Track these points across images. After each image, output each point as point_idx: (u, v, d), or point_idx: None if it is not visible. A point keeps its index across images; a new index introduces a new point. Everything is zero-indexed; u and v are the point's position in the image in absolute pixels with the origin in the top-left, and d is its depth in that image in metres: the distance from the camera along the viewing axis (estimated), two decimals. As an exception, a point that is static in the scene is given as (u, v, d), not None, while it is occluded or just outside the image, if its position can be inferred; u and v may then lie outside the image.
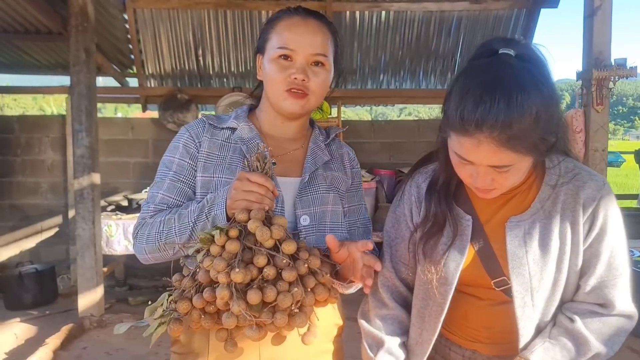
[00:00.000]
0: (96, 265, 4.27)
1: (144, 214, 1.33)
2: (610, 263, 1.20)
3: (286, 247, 1.08)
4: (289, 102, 1.32)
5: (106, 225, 4.58)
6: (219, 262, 1.04)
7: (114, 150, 5.74)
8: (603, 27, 3.92)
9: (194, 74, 5.81)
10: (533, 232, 1.19)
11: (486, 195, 1.17)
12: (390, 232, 1.39)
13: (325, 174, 1.41)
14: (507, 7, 5.34)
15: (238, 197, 1.15)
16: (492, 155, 1.05)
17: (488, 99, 1.01)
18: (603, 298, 1.21)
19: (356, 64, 5.79)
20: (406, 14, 5.41)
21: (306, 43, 1.31)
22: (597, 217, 1.19)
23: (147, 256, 1.30)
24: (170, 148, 1.39)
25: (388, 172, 5.47)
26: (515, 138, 1.02)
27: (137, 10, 5.27)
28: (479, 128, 1.02)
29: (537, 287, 1.18)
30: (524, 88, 1.02)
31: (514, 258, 1.19)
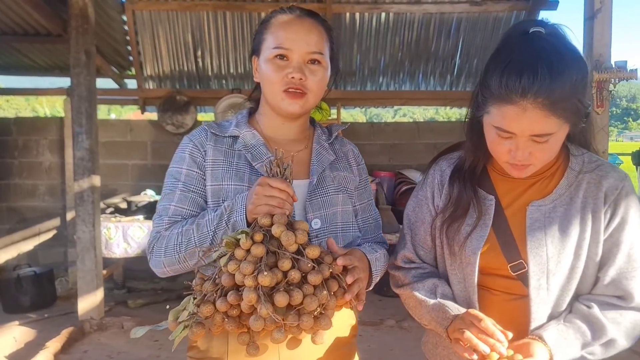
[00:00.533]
0: (96, 268, 4.25)
1: (158, 228, 1.32)
2: (630, 254, 1.21)
3: (310, 252, 1.09)
4: (287, 102, 1.31)
5: (105, 228, 4.56)
6: (247, 266, 1.04)
7: (112, 152, 5.71)
8: (603, 30, 3.93)
9: (193, 76, 5.80)
10: (554, 216, 1.23)
11: (521, 172, 1.20)
12: (410, 215, 1.43)
13: (332, 175, 1.41)
14: (506, 9, 5.36)
15: (260, 202, 1.15)
16: (536, 123, 1.09)
17: (531, 67, 1.07)
18: (622, 290, 1.21)
19: (355, 66, 5.79)
20: (406, 16, 5.41)
21: (302, 41, 1.30)
22: (618, 207, 1.22)
23: (166, 269, 1.29)
24: (175, 159, 1.37)
25: (387, 174, 5.48)
26: (558, 102, 1.07)
27: (136, 11, 5.25)
28: (525, 95, 1.07)
29: (554, 270, 1.20)
30: (562, 56, 1.09)
31: (533, 239, 1.22)
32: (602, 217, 1.22)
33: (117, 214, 4.97)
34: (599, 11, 3.90)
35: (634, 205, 1.23)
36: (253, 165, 1.33)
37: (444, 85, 5.96)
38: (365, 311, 1.37)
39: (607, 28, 3.93)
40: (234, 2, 5.24)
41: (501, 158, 1.20)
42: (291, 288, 1.06)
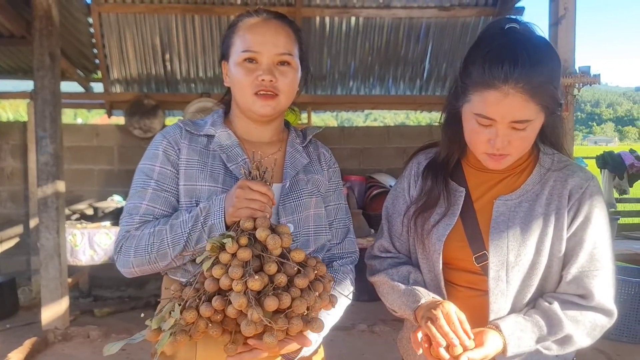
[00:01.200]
0: (61, 276, 4.13)
1: (127, 227, 1.28)
2: (592, 254, 1.24)
3: (296, 256, 1.08)
4: (258, 105, 1.30)
5: (70, 235, 4.45)
6: (236, 270, 1.03)
7: (77, 157, 5.58)
8: (567, 36, 4.01)
9: (161, 80, 5.72)
10: (518, 210, 1.26)
11: (498, 163, 1.23)
12: (389, 207, 1.47)
13: (306, 178, 1.40)
14: (474, 14, 5.43)
15: (241, 205, 1.14)
16: (516, 108, 1.13)
17: (512, 54, 1.12)
18: (583, 288, 1.23)
19: (326, 70, 5.79)
20: (375, 20, 5.44)
21: (270, 43, 1.29)
22: (582, 206, 1.24)
23: (134, 269, 1.26)
24: (148, 155, 1.34)
25: (358, 178, 5.48)
26: (537, 88, 1.12)
27: (102, 14, 5.16)
28: (506, 80, 1.11)
29: (513, 262, 1.23)
30: (539, 46, 1.16)
31: (495, 232, 1.25)
32: (565, 215, 1.25)
33: (83, 220, 4.86)
34: (563, 17, 3.98)
35: (598, 205, 1.25)
36: (228, 166, 1.31)
37: (414, 90, 6.00)
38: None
39: (571, 34, 4.02)
40: (202, 6, 5.19)
41: (479, 148, 1.23)
42: (279, 292, 1.05)
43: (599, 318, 1.23)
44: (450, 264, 1.33)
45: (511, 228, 1.25)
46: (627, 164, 6.92)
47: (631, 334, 4.04)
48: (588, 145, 75.25)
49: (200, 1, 5.20)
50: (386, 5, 5.33)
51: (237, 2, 5.22)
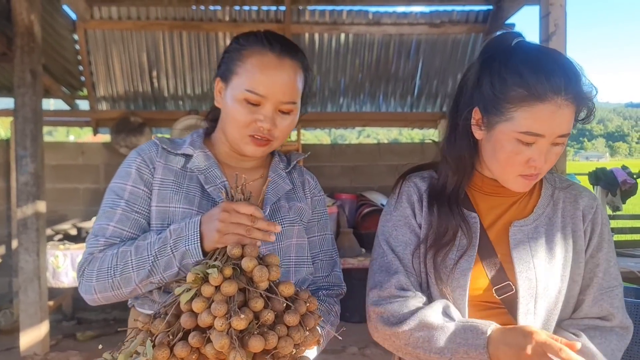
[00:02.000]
0: (40, 299, 4.00)
1: (91, 249, 1.19)
2: (610, 273, 1.22)
3: (285, 290, 0.99)
4: (250, 148, 1.23)
5: (53, 256, 4.33)
6: (220, 307, 0.92)
7: (62, 175, 5.47)
8: (558, 52, 3.98)
9: (148, 97, 5.63)
10: (537, 237, 1.19)
11: (529, 184, 1.16)
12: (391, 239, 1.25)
13: (288, 205, 1.32)
14: (464, 31, 5.40)
15: (227, 230, 1.03)
16: (566, 121, 1.07)
17: (552, 65, 1.06)
18: (605, 310, 1.20)
19: (316, 87, 5.73)
20: (365, 37, 5.40)
21: (278, 90, 1.20)
22: (596, 225, 1.23)
23: (96, 296, 1.16)
24: (120, 174, 1.25)
25: (349, 196, 5.40)
26: (583, 100, 1.09)
27: (88, 30, 5.09)
28: (559, 91, 1.05)
29: (542, 294, 1.16)
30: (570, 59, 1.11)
31: (521, 262, 1.16)
32: (582, 237, 1.22)
33: (67, 241, 4.73)
34: (553, 34, 3.95)
35: (607, 224, 1.25)
36: (205, 189, 1.23)
37: (405, 107, 5.95)
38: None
39: (561, 50, 3.98)
40: (190, 22, 5.14)
41: (515, 170, 1.14)
42: (264, 330, 0.95)
43: (621, 337, 1.21)
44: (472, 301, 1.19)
45: (535, 257, 1.17)
46: (620, 180, 6.88)
47: (628, 356, 3.94)
48: (580, 160, 75.84)
49: (188, 18, 5.14)
50: (376, 22, 5.30)
51: (225, 19, 5.17)
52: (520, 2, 4.89)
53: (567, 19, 3.97)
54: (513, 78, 1.08)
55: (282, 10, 5.14)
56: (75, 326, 4.95)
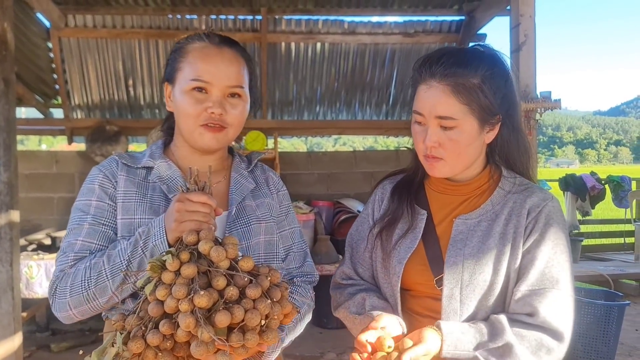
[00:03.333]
0: (14, 311, 3.92)
1: (62, 266, 1.19)
2: (544, 273, 1.20)
3: (245, 264, 1.01)
4: (206, 137, 1.25)
5: (26, 267, 4.27)
6: (180, 288, 0.94)
7: (36, 185, 5.40)
8: (528, 62, 4.10)
9: (124, 105, 5.61)
10: (477, 229, 1.26)
11: (433, 167, 1.26)
12: (353, 233, 1.47)
13: (254, 203, 1.35)
14: (438, 40, 5.51)
15: (183, 219, 1.06)
16: (440, 102, 1.19)
17: (444, 53, 1.22)
18: (530, 306, 1.18)
19: (292, 95, 5.78)
20: (341, 46, 5.47)
21: (222, 75, 1.24)
22: (538, 222, 1.23)
23: (72, 312, 1.16)
24: (83, 191, 1.27)
25: (326, 204, 5.44)
26: (461, 86, 1.18)
27: (63, 38, 5.06)
28: (434, 74, 1.19)
29: (468, 281, 1.21)
30: (475, 54, 1.23)
31: (452, 249, 1.25)
32: (522, 233, 1.24)
33: (40, 250, 4.66)
34: (523, 44, 4.07)
35: (555, 225, 1.24)
36: (169, 198, 1.25)
37: (380, 115, 6.03)
38: (305, 344, 1.29)
39: (531, 60, 4.10)
40: (166, 31, 5.14)
41: (420, 151, 1.28)
42: (230, 305, 0.97)
43: (545, 338, 1.17)
44: (412, 290, 1.31)
45: (468, 246, 1.24)
46: (589, 186, 7.07)
47: (598, 356, 4.05)
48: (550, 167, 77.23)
49: (163, 26, 5.15)
50: (351, 32, 5.38)
51: (201, 28, 5.18)
52: (491, 13, 5.02)
53: (536, 30, 4.10)
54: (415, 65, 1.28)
55: (259, 19, 5.18)
56: (50, 337, 4.87)
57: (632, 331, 4.88)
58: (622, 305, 4.04)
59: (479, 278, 1.22)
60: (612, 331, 4.01)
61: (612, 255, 7.11)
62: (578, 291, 4.40)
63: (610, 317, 3.99)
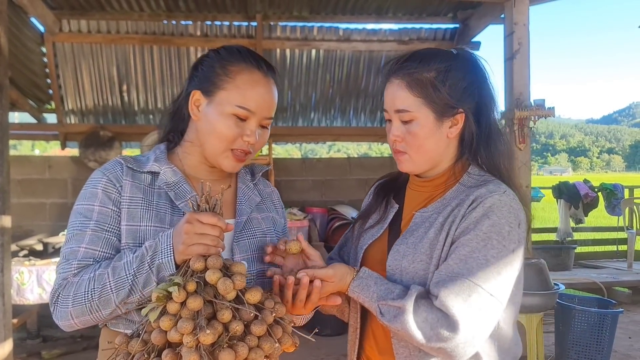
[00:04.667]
0: (4, 317, 3.88)
1: (65, 274, 1.16)
2: (464, 261, 1.15)
3: (251, 297, 0.99)
4: (230, 162, 1.24)
5: (17, 273, 4.23)
6: (186, 324, 0.93)
7: (28, 190, 5.37)
8: (522, 69, 4.12)
9: (118, 111, 5.59)
10: (425, 222, 1.28)
11: (401, 162, 1.31)
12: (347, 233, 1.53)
13: (260, 216, 1.35)
14: (432, 48, 5.53)
15: (192, 242, 1.04)
16: (396, 96, 1.26)
17: (405, 55, 1.30)
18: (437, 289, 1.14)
19: (287, 102, 5.78)
20: (336, 53, 5.48)
21: (265, 106, 1.24)
22: (475, 211, 1.19)
23: (74, 321, 1.14)
24: (85, 195, 1.22)
25: (320, 210, 5.44)
26: (413, 82, 1.24)
27: (57, 43, 5.04)
28: (393, 72, 1.28)
29: (407, 268, 1.24)
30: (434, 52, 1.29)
31: (401, 239, 1.30)
32: (457, 221, 1.21)
33: (32, 256, 4.63)
34: (517, 52, 4.09)
35: (493, 218, 1.17)
36: (175, 205, 1.22)
37: (375, 122, 6.05)
38: (299, 352, 1.28)
39: (525, 68, 4.12)
40: (161, 37, 5.14)
41: (391, 149, 1.35)
42: (234, 342, 0.95)
43: (440, 320, 1.11)
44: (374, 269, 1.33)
45: (412, 235, 1.27)
46: (582, 193, 7.10)
47: None
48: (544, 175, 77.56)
49: (159, 32, 5.14)
50: (346, 38, 5.39)
51: (196, 34, 5.19)
52: (485, 22, 5.05)
53: (530, 40, 4.12)
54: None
55: (254, 25, 5.19)
56: (41, 344, 4.83)
57: (625, 339, 4.89)
58: (616, 313, 4.05)
59: (417, 266, 1.23)
60: (606, 339, 4.02)
61: (605, 262, 7.14)
62: (571, 299, 4.41)
63: (603, 324, 4.00)
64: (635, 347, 4.69)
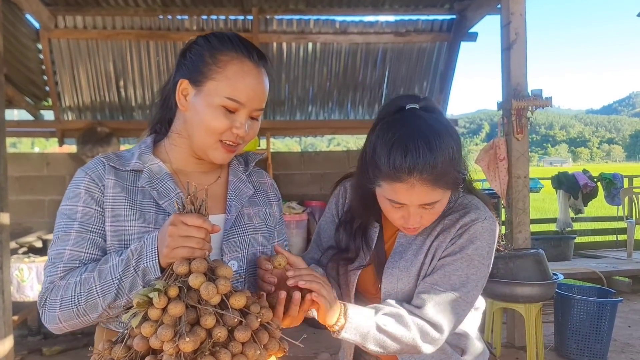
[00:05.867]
0: (4, 314, 3.89)
1: (51, 277, 1.14)
2: (448, 277, 1.31)
3: (235, 302, 0.96)
4: (219, 154, 1.20)
5: (17, 270, 4.23)
6: (166, 331, 0.90)
7: (27, 187, 5.36)
8: (519, 60, 4.11)
9: (115, 106, 5.58)
10: (413, 244, 1.37)
11: (414, 232, 1.32)
12: (321, 223, 1.57)
13: (252, 211, 1.30)
14: (429, 39, 5.52)
15: (176, 245, 1.00)
16: (424, 195, 1.22)
17: (413, 148, 1.19)
18: (421, 300, 1.29)
19: (284, 96, 5.77)
20: (333, 46, 5.46)
21: (256, 98, 1.19)
22: (461, 237, 1.33)
23: (62, 325, 1.12)
24: (68, 195, 1.20)
25: (319, 204, 5.43)
26: (440, 176, 1.20)
27: (53, 40, 5.03)
28: (411, 173, 1.19)
29: (402, 289, 1.35)
30: (438, 133, 1.22)
31: (391, 261, 1.37)
32: (444, 245, 1.34)
33: (31, 253, 4.63)
34: (514, 42, 4.07)
35: (477, 243, 1.32)
36: (159, 204, 1.19)
37: (372, 114, 6.03)
38: (297, 345, 1.28)
39: (522, 58, 4.11)
40: (157, 32, 5.12)
41: (395, 222, 1.32)
42: (216, 349, 0.93)
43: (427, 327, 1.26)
44: (362, 291, 1.45)
45: (403, 259, 1.36)
46: (581, 184, 7.10)
47: (592, 353, 4.06)
48: (544, 166, 77.55)
49: (154, 27, 5.13)
50: (343, 31, 5.37)
51: (192, 28, 5.18)
52: (482, 12, 5.03)
53: (527, 32, 4.10)
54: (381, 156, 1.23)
55: (250, 19, 5.18)
56: (41, 341, 4.83)
57: (625, 327, 4.90)
58: (615, 302, 4.05)
59: (409, 287, 1.35)
60: (605, 328, 4.02)
61: (604, 252, 7.14)
62: (571, 288, 4.41)
63: (603, 314, 4.00)
64: (635, 336, 4.70)
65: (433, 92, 5.87)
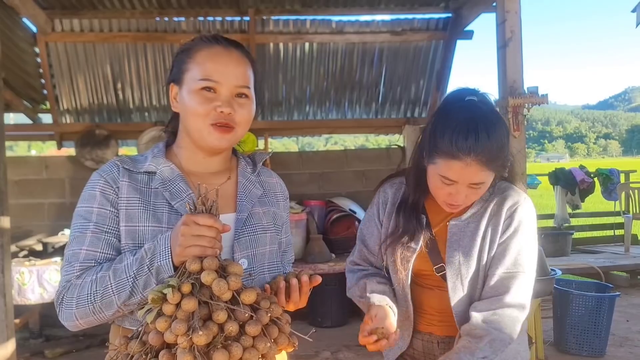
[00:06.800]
0: (6, 317, 3.90)
1: (68, 276, 1.19)
2: (516, 259, 1.50)
3: (246, 298, 1.00)
4: (214, 137, 1.23)
5: (18, 273, 4.25)
6: (180, 325, 0.94)
7: (26, 191, 5.37)
8: (515, 57, 4.13)
9: (113, 109, 5.59)
10: (466, 231, 1.55)
11: (455, 210, 1.51)
12: (363, 229, 1.74)
13: (262, 210, 1.35)
14: (425, 38, 5.54)
15: (188, 244, 1.04)
16: (475, 174, 1.39)
17: (474, 132, 1.37)
18: (504, 287, 1.48)
19: (282, 96, 5.79)
20: (329, 46, 5.48)
21: (231, 75, 1.24)
22: (514, 219, 1.52)
23: (78, 322, 1.17)
24: (84, 197, 1.25)
25: (318, 203, 5.45)
26: (492, 159, 1.39)
27: (50, 43, 5.04)
28: (469, 153, 1.36)
29: (465, 274, 1.52)
30: (494, 123, 1.42)
31: (450, 249, 1.54)
32: (499, 230, 1.52)
33: (32, 257, 4.64)
34: (510, 40, 4.09)
35: (527, 220, 1.52)
36: (172, 205, 1.23)
37: (370, 113, 6.05)
38: (299, 343, 1.30)
39: (518, 55, 4.13)
40: (154, 34, 5.13)
41: (440, 198, 1.49)
42: (228, 343, 0.97)
43: (515, 313, 1.47)
44: (418, 273, 1.62)
45: (461, 246, 1.53)
46: (578, 179, 7.13)
47: (590, 348, 4.09)
48: (541, 162, 77.66)
49: (151, 29, 5.14)
50: (339, 31, 5.39)
51: (189, 30, 5.18)
52: (477, 10, 5.05)
53: (522, 27, 4.12)
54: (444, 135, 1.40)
55: (246, 20, 5.19)
56: (44, 343, 4.85)
57: (623, 322, 4.94)
58: (613, 297, 4.08)
59: (471, 269, 1.52)
60: (604, 322, 4.05)
61: (602, 247, 7.17)
62: (569, 284, 4.44)
63: (601, 308, 4.04)
64: (633, 330, 4.73)
65: (430, 90, 5.89)
